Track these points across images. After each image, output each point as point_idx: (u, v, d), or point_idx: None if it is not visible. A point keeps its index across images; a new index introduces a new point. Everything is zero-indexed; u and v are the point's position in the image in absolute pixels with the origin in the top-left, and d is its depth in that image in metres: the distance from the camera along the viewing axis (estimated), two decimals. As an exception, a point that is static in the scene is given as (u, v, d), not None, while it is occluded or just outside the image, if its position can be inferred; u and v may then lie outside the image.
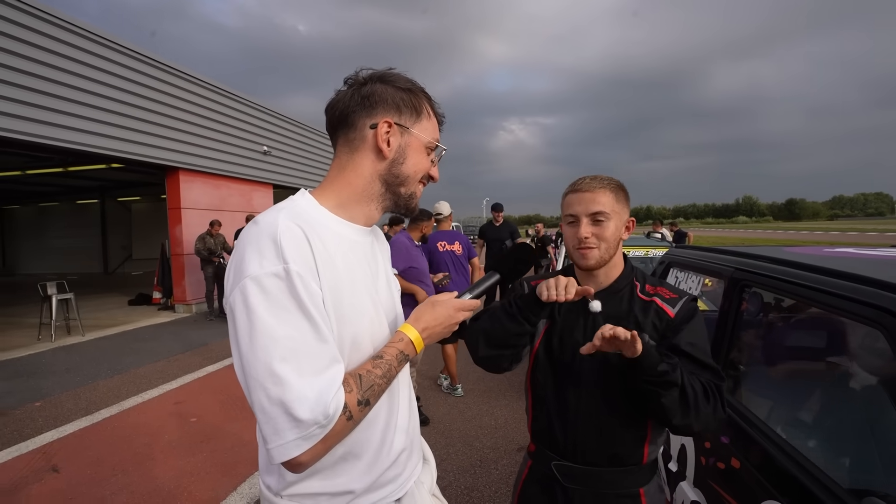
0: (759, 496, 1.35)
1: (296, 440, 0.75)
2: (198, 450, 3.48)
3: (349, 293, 0.87)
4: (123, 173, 11.64)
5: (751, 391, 1.77)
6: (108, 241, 17.82)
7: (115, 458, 3.36)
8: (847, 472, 1.30)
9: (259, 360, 0.75)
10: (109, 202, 17.28)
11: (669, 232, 10.38)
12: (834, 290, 1.30)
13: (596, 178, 1.24)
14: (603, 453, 1.21)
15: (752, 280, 1.76)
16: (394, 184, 0.95)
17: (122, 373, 5.42)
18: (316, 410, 0.74)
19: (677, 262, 2.66)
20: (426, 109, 0.97)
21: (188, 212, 9.32)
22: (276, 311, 0.76)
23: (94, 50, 7.17)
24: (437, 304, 0.97)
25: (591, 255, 1.20)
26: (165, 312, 9.42)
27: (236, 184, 10.86)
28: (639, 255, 5.51)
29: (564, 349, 1.24)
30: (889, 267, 1.46)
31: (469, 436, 3.67)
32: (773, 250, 2.01)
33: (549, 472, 1.26)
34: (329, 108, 0.95)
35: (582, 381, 1.21)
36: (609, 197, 1.21)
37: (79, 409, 4.31)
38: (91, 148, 7.23)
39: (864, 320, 1.18)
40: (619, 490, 1.21)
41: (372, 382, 0.84)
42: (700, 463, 1.74)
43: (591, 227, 1.20)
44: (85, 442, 3.66)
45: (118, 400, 4.54)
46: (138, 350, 6.48)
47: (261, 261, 0.78)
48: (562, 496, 1.24)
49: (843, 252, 1.93)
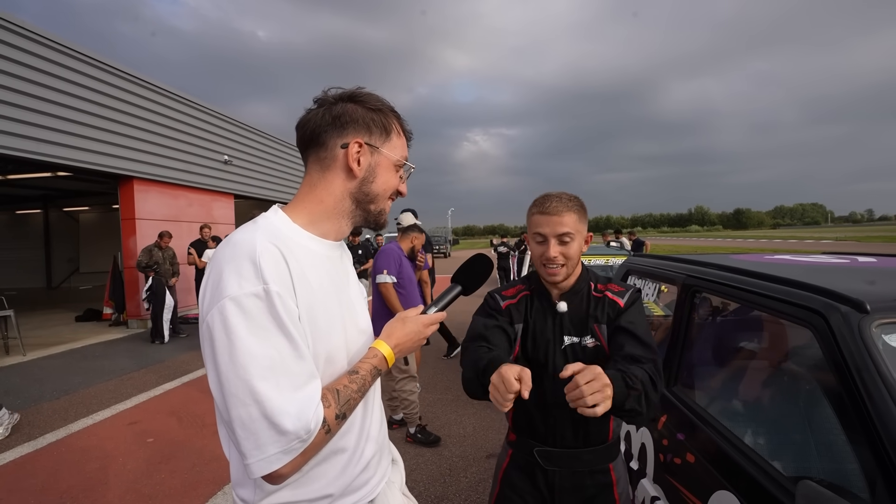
0: (712, 487, 1.44)
1: (277, 454, 0.77)
2: (156, 471, 3.32)
3: (323, 309, 0.90)
4: (70, 182, 11.00)
5: (703, 389, 1.89)
6: (52, 253, 16.69)
7: (62, 485, 3.15)
8: (787, 460, 1.40)
9: (239, 378, 0.76)
10: (54, 212, 16.22)
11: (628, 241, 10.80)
12: (771, 294, 1.43)
13: (561, 200, 1.35)
14: (577, 436, 1.37)
15: (701, 286, 1.89)
16: (364, 201, 0.98)
17: (69, 393, 5.10)
18: (297, 425, 0.77)
19: (635, 269, 2.80)
20: (395, 128, 1.00)
21: (143, 222, 8.92)
22: (256, 331, 0.78)
23: (38, 52, 6.81)
24: (407, 321, 1.03)
25: (559, 273, 1.35)
26: (117, 328, 8.93)
27: (195, 194, 10.50)
28: (599, 263, 5.72)
29: (538, 348, 1.38)
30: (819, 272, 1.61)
31: (438, 445, 3.68)
32: (721, 258, 2.17)
33: (531, 457, 1.39)
34: (300, 126, 0.97)
35: (555, 373, 1.34)
36: (573, 218, 1.34)
37: (20, 435, 4.02)
38: (35, 155, 6.82)
39: (797, 321, 1.31)
40: (593, 467, 1.38)
41: (349, 397, 0.88)
42: (659, 460, 1.84)
43: (559, 247, 1.33)
44: (27, 469, 3.42)
45: (65, 423, 4.26)
46: (87, 369, 6.11)
47: (240, 281, 0.79)
48: (542, 479, 1.38)
49: (780, 259, 2.10)
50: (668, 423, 1.82)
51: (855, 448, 1.06)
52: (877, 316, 1.13)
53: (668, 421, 1.82)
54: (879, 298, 1.19)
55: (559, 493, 1.38)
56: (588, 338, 1.36)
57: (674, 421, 1.78)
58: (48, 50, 6.95)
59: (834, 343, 1.14)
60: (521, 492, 1.44)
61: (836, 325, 1.16)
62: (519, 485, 1.44)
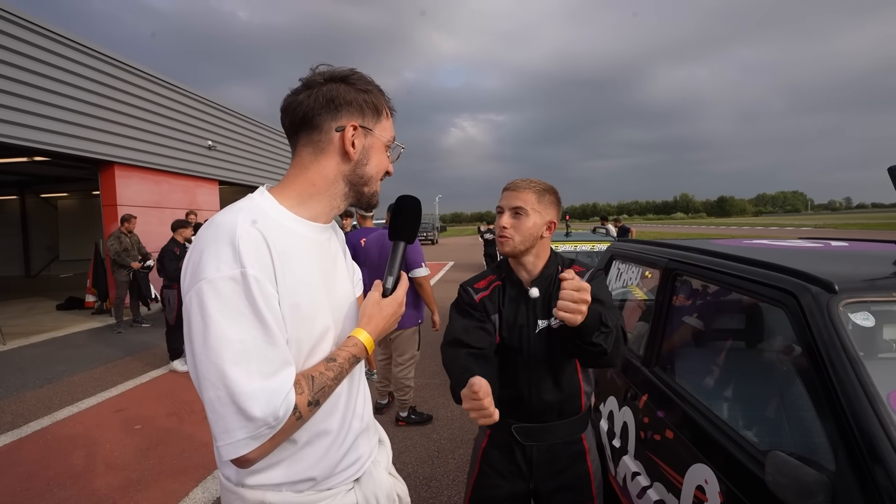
0: (689, 461, 1.50)
1: (245, 439, 0.77)
2: (144, 457, 3.32)
3: (307, 294, 0.89)
4: (48, 167, 10.69)
5: (682, 368, 1.95)
6: (30, 240, 16.23)
7: (49, 473, 3.14)
8: (761, 435, 1.47)
9: (211, 362, 0.77)
10: (31, 198, 15.75)
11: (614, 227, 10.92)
12: (747, 276, 1.48)
13: (527, 180, 1.43)
14: (552, 410, 1.44)
15: (682, 269, 1.94)
16: (358, 184, 0.98)
17: (52, 382, 5.04)
18: (266, 411, 0.76)
19: (619, 254, 2.85)
20: (384, 108, 1.00)
21: (126, 209, 8.73)
22: (229, 315, 0.77)
23: (13, 32, 6.55)
24: (382, 304, 1.01)
25: (507, 244, 1.40)
26: (101, 316, 8.79)
27: (179, 179, 10.29)
28: (585, 249, 5.78)
29: (513, 334, 1.43)
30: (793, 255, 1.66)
31: (426, 428, 3.74)
32: (702, 242, 2.22)
33: (509, 435, 1.45)
34: (290, 108, 0.94)
35: (530, 356, 1.41)
36: (532, 196, 1.40)
37: (2, 424, 3.98)
38: (10, 139, 6.60)
39: (771, 301, 1.36)
40: (567, 439, 1.47)
41: (323, 384, 0.88)
42: (640, 437, 1.90)
43: (511, 219, 1.40)
44: (12, 458, 3.39)
45: (50, 411, 4.22)
46: (71, 357, 6.03)
47: (218, 264, 0.78)
48: (521, 454, 1.45)
49: (759, 244, 2.16)
50: (648, 402, 1.88)
51: (823, 422, 1.11)
52: (845, 296, 1.18)
53: (648, 400, 1.88)
54: (848, 279, 1.24)
55: (536, 465, 1.45)
56: (553, 319, 1.40)
57: (654, 400, 1.84)
58: (23, 31, 6.68)
59: (804, 322, 1.19)
60: (501, 469, 1.49)
61: (807, 304, 1.21)
62: (497, 463, 1.50)
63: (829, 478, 0.99)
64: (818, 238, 2.26)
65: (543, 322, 1.41)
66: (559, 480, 1.45)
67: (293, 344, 0.86)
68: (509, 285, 1.48)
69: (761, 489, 1.14)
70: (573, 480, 1.45)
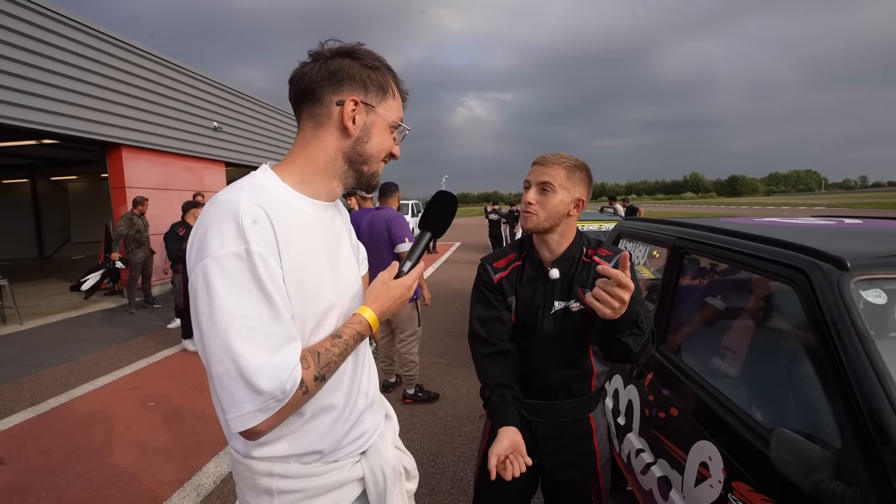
0: (694, 438, 1.51)
1: (253, 412, 0.78)
2: (158, 433, 3.41)
3: (311, 270, 0.89)
4: (57, 150, 10.73)
5: (689, 347, 1.94)
6: (42, 223, 16.45)
7: (68, 447, 3.24)
8: (767, 413, 1.47)
9: (218, 337, 0.77)
10: (42, 181, 15.89)
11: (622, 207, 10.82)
12: (756, 253, 1.45)
13: (557, 155, 1.37)
14: (560, 389, 1.44)
15: (690, 248, 1.92)
16: (357, 161, 0.96)
17: (69, 360, 5.16)
18: (273, 385, 0.77)
19: (627, 233, 2.82)
20: (392, 88, 0.97)
21: (133, 191, 8.78)
22: (235, 291, 0.78)
23: (20, 14, 6.50)
24: (390, 285, 1.01)
25: (531, 220, 1.36)
26: (113, 297, 8.95)
27: (185, 161, 10.30)
28: (593, 228, 5.78)
29: (528, 314, 1.42)
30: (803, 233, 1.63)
31: (433, 406, 3.79)
32: (710, 220, 2.18)
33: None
34: (294, 79, 0.93)
35: (543, 337, 1.40)
36: (560, 172, 1.34)
37: (23, 400, 4.09)
38: (20, 122, 6.62)
39: (781, 279, 1.33)
40: (574, 416, 1.46)
41: (329, 360, 0.88)
42: (644, 415, 1.91)
43: (537, 195, 1.35)
44: (32, 433, 3.50)
45: (67, 388, 4.33)
46: (86, 336, 6.16)
47: (222, 240, 0.78)
48: (527, 429, 1.44)
49: (768, 221, 2.12)
50: (654, 381, 1.88)
51: (830, 400, 1.10)
52: (856, 273, 1.16)
53: (654, 378, 1.89)
54: (860, 256, 1.21)
55: (541, 441, 1.46)
56: (573, 302, 1.38)
57: (660, 378, 1.85)
58: (30, 13, 6.63)
59: (814, 299, 1.17)
60: None
61: (818, 281, 1.18)
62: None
63: (835, 455, 0.98)
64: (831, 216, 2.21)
65: (560, 304, 1.39)
66: (564, 457, 1.45)
67: (298, 320, 0.86)
68: (529, 264, 1.44)
69: (765, 465, 1.14)
70: (578, 458, 1.45)
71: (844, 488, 0.92)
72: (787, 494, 1.09)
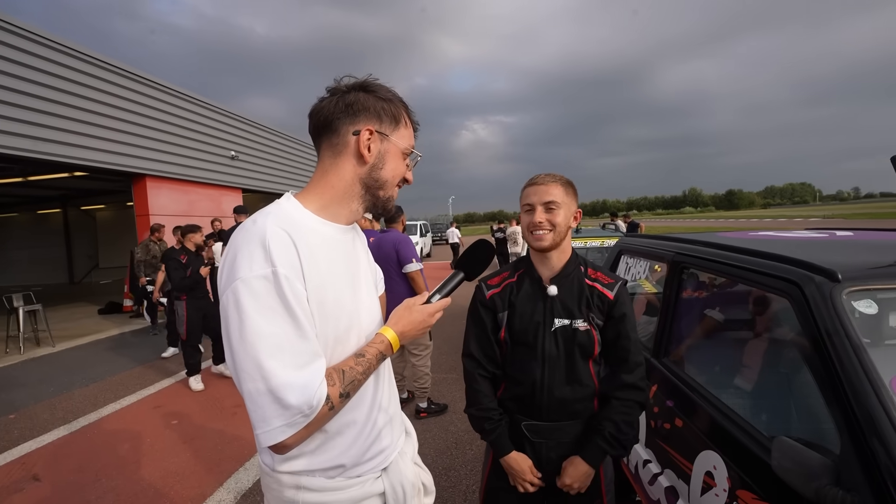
0: (698, 449, 1.49)
1: (281, 426, 0.79)
2: (181, 450, 3.41)
3: (332, 291, 0.91)
4: (87, 181, 11.03)
5: (691, 358, 1.93)
6: (72, 250, 16.79)
7: (97, 464, 3.26)
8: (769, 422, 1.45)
9: (248, 355, 0.79)
10: (72, 211, 16.28)
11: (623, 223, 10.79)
12: (752, 267, 1.46)
13: (549, 175, 1.40)
14: (564, 411, 1.40)
15: (689, 262, 1.93)
16: (373, 187, 0.99)
17: (97, 381, 5.20)
18: (301, 400, 0.79)
19: (627, 249, 2.83)
20: (404, 118, 1.01)
21: (157, 218, 8.95)
22: (263, 311, 0.80)
23: (53, 57, 6.79)
24: (413, 310, 1.02)
25: (545, 238, 1.36)
26: (138, 320, 9.02)
27: (205, 189, 10.50)
28: (595, 245, 5.70)
29: (528, 331, 1.40)
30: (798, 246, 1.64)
31: (445, 420, 3.76)
32: (707, 235, 2.19)
33: (519, 431, 1.43)
34: (313, 113, 0.97)
35: (545, 356, 1.38)
36: (560, 189, 1.37)
37: (55, 419, 4.13)
38: (53, 157, 6.84)
39: (776, 291, 1.34)
40: (578, 438, 1.42)
41: (353, 378, 0.90)
42: (650, 426, 1.89)
43: (545, 214, 1.36)
44: (64, 450, 3.52)
45: (96, 408, 4.37)
46: (112, 358, 6.21)
47: (251, 264, 0.81)
48: (531, 450, 1.43)
49: (763, 235, 2.13)
50: (658, 392, 1.87)
51: (828, 408, 1.10)
52: (848, 284, 1.17)
53: (658, 390, 1.87)
54: (851, 268, 1.22)
55: (546, 462, 1.42)
56: (580, 321, 1.37)
57: (664, 390, 1.83)
58: (61, 55, 6.91)
59: (809, 311, 1.18)
60: None
61: (811, 293, 1.19)
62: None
63: (834, 461, 0.98)
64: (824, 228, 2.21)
65: (560, 321, 1.37)
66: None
67: (320, 338, 0.88)
68: (528, 282, 1.44)
69: (768, 474, 1.14)
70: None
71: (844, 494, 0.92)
72: (790, 501, 1.08)
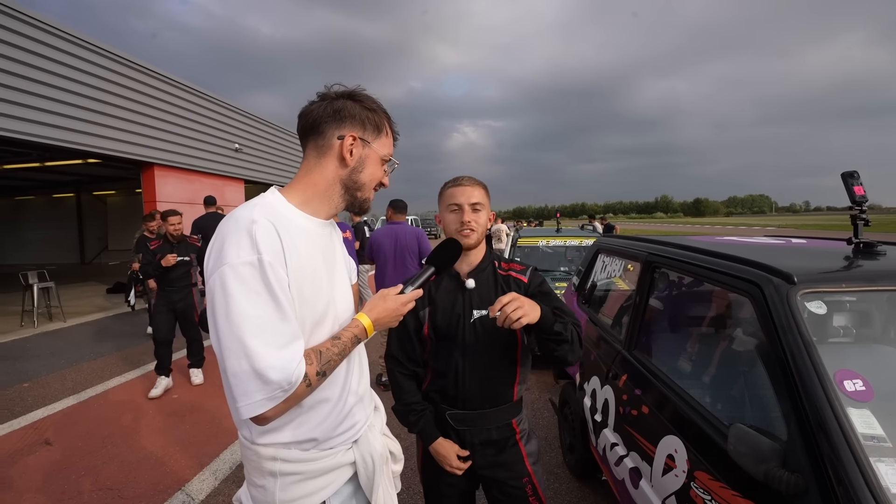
0: (662, 433, 1.51)
1: (261, 400, 0.80)
2: (181, 422, 3.38)
3: (311, 278, 0.91)
4: (99, 168, 10.76)
5: (658, 351, 1.95)
6: (84, 232, 16.43)
7: (103, 432, 3.21)
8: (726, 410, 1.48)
9: (233, 334, 0.79)
10: (85, 196, 15.90)
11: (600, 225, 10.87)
12: (718, 268, 1.48)
13: (471, 178, 1.40)
14: (485, 398, 1.37)
15: (660, 262, 1.94)
16: (352, 188, 0.99)
17: (105, 355, 5.11)
18: (280, 377, 0.80)
19: (604, 248, 2.85)
20: (385, 128, 1.02)
21: (163, 205, 8.77)
22: (248, 295, 0.80)
23: (71, 50, 6.60)
24: (387, 298, 1.03)
25: (472, 237, 1.35)
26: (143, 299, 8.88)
27: (209, 179, 10.30)
28: (574, 244, 5.70)
29: (449, 324, 1.37)
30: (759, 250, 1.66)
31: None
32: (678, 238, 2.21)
33: (444, 421, 1.39)
34: (302, 115, 0.98)
35: (466, 347, 1.35)
36: (482, 192, 1.38)
37: (65, 389, 4.06)
38: (69, 144, 6.66)
39: (738, 291, 1.36)
40: (498, 423, 1.39)
41: (329, 358, 0.90)
42: (618, 412, 1.91)
43: (472, 213, 1.35)
44: (74, 418, 3.47)
45: (103, 380, 4.30)
46: (119, 334, 6.12)
47: (238, 251, 0.81)
48: (455, 438, 1.39)
49: (728, 240, 2.15)
50: (627, 381, 1.89)
51: (779, 398, 1.12)
52: (802, 286, 1.19)
53: (627, 379, 1.89)
54: (805, 272, 1.24)
55: (470, 447, 1.39)
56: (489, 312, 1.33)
57: (633, 379, 1.85)
58: (78, 48, 6.71)
59: (767, 309, 1.20)
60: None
61: (770, 294, 1.21)
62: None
63: (782, 446, 1.00)
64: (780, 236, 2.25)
65: (479, 312, 1.35)
66: (493, 460, 1.40)
67: (299, 321, 0.88)
68: (447, 277, 1.41)
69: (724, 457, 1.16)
70: (507, 460, 1.40)
71: (789, 475, 0.94)
72: (742, 482, 1.11)
